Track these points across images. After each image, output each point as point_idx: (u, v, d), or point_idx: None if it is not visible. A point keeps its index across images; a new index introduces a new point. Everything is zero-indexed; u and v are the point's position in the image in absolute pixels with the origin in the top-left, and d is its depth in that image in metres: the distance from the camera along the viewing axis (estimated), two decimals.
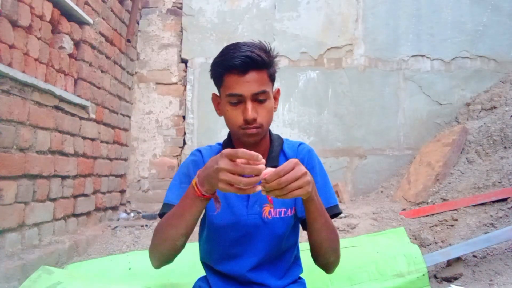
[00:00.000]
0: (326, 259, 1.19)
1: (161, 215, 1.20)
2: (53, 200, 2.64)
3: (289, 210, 1.21)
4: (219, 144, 1.33)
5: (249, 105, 1.13)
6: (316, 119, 4.06)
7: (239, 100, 1.14)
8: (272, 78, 1.20)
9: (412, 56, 4.05)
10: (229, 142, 1.28)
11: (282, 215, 1.21)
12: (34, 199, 2.42)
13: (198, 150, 1.30)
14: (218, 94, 1.24)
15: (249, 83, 1.12)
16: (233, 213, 1.20)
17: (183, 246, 1.13)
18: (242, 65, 1.11)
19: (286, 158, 1.25)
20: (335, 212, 1.23)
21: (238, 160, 0.93)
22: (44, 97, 2.51)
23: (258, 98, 1.14)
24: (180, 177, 1.24)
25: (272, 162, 1.20)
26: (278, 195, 0.95)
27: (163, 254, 1.13)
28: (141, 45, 4.19)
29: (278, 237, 1.21)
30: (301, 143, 1.31)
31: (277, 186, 0.93)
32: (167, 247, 1.11)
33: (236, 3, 4.19)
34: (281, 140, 1.30)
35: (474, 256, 2.33)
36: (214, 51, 4.16)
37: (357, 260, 2.15)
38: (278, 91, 1.26)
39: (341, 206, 3.42)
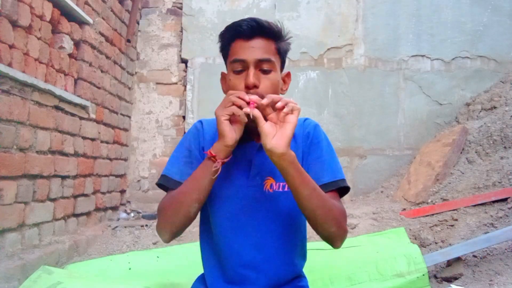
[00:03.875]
0: (326, 230, 1.10)
1: (159, 185, 1.21)
2: (53, 200, 2.64)
3: None
4: None
5: (251, 71, 1.10)
6: (316, 119, 4.00)
7: (243, 67, 1.12)
8: (280, 53, 1.17)
9: (412, 56, 4.05)
10: None
11: (286, 189, 1.13)
12: (34, 199, 2.42)
13: (200, 122, 1.28)
14: (226, 72, 1.21)
15: (254, 48, 1.11)
16: (233, 184, 1.17)
17: (195, 214, 1.13)
18: (248, 30, 1.10)
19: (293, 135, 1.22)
20: (341, 186, 1.18)
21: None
22: (44, 97, 2.51)
23: (263, 68, 1.12)
24: (182, 152, 1.23)
25: None
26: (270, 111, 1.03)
27: (175, 225, 1.12)
28: (141, 45, 4.19)
29: (283, 214, 1.15)
30: (306, 119, 1.27)
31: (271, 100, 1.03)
32: (180, 215, 1.10)
33: (236, 3, 4.19)
34: None
35: (474, 256, 2.33)
36: (214, 51, 4.15)
37: (357, 260, 2.15)
38: (288, 74, 1.23)
39: None
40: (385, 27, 4.09)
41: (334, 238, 1.12)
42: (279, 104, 1.03)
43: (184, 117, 4.13)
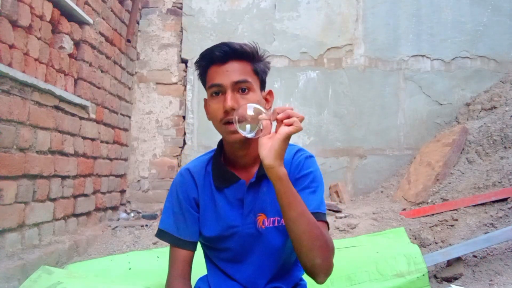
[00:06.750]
0: (310, 260, 1.04)
1: (158, 235, 1.26)
2: (53, 200, 2.64)
3: (282, 219, 1.14)
4: (209, 154, 1.29)
5: (229, 94, 1.10)
6: (316, 119, 4.06)
7: (220, 91, 1.12)
8: (257, 73, 1.16)
9: (412, 56, 4.05)
10: (219, 153, 1.25)
11: (276, 224, 1.18)
12: (34, 199, 2.42)
13: (188, 170, 1.26)
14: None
15: (228, 72, 1.11)
16: (230, 225, 1.20)
17: None
18: (221, 55, 1.11)
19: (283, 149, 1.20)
20: (321, 220, 1.14)
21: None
22: (44, 97, 2.51)
23: (240, 89, 1.11)
24: (173, 202, 1.25)
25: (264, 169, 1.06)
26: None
27: None
28: (141, 45, 4.19)
29: (275, 250, 1.19)
30: (299, 150, 1.23)
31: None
32: None
33: (236, 3, 4.19)
34: None
35: (474, 256, 2.33)
36: None
37: (357, 260, 2.15)
38: (270, 92, 1.22)
39: (341, 206, 3.44)
40: (385, 27, 4.09)
41: (318, 271, 1.06)
42: (280, 116, 1.00)
43: (184, 117, 4.14)
